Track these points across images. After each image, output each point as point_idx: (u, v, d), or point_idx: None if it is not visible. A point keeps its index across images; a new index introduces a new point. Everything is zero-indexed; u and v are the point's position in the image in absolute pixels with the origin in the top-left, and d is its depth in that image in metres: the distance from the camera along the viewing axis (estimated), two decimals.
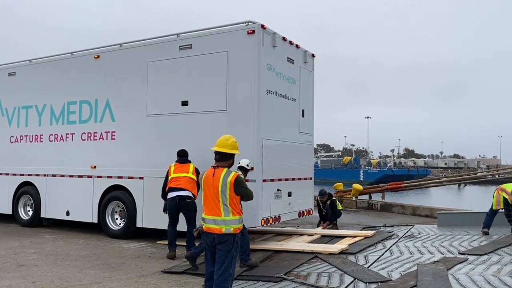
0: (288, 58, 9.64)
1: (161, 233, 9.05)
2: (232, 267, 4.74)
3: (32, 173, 11.53)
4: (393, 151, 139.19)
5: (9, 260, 7.83)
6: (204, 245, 4.99)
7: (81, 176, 10.59)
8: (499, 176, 24.31)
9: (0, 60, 14.73)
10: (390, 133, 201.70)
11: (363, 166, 78.03)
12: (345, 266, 7.02)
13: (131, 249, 8.85)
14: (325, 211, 11.39)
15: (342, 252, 8.06)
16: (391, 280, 6.20)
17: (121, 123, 10.16)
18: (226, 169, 4.85)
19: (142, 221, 9.61)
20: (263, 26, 8.67)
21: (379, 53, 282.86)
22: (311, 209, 10.41)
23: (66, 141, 10.99)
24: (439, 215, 11.93)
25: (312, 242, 9.10)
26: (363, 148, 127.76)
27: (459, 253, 8.04)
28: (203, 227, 4.81)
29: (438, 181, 22.59)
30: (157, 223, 9.16)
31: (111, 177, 10.13)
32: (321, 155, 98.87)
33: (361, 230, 10.80)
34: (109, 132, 10.31)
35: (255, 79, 8.55)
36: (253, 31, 8.59)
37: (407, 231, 10.53)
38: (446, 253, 8.06)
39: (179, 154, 8.49)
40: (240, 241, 4.88)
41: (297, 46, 9.97)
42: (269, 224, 8.74)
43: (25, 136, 11.84)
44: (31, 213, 11.64)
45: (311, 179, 10.54)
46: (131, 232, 9.85)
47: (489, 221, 10.15)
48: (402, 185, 18.82)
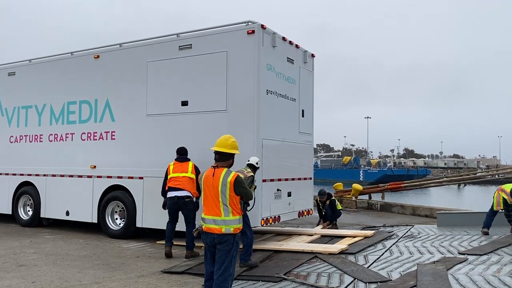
0: (288, 58, 9.65)
1: (161, 233, 9.05)
2: (232, 267, 4.74)
3: (32, 173, 11.53)
4: (392, 151, 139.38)
5: (9, 260, 7.83)
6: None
7: (81, 176, 10.59)
8: (498, 176, 24.33)
9: (0, 60, 14.74)
10: (390, 133, 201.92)
11: (362, 166, 78.06)
12: (345, 266, 7.02)
13: (131, 249, 8.85)
14: (324, 211, 11.40)
15: (342, 252, 8.06)
16: (391, 280, 6.20)
17: (121, 123, 10.16)
18: (226, 169, 4.85)
19: (142, 221, 9.61)
20: (263, 26, 8.67)
21: (379, 53, 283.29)
22: (311, 209, 10.42)
23: (66, 141, 10.99)
24: (438, 215, 11.94)
25: (312, 242, 9.11)
26: (363, 148, 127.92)
27: (458, 253, 8.04)
28: (203, 227, 4.81)
29: (437, 181, 22.60)
30: (157, 223, 9.17)
31: (111, 177, 10.13)
32: (321, 155, 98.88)
33: (361, 230, 10.80)
34: (109, 132, 10.31)
35: (255, 79, 8.56)
36: (253, 31, 8.59)
37: (407, 231, 10.53)
38: (445, 253, 8.07)
39: (179, 152, 8.49)
40: (239, 241, 4.88)
41: (297, 46, 9.97)
42: (269, 224, 8.75)
43: (24, 136, 11.84)
44: (31, 213, 11.63)
45: (311, 179, 10.56)
46: (131, 232, 9.85)
47: (489, 221, 10.15)
48: (401, 185, 18.82)
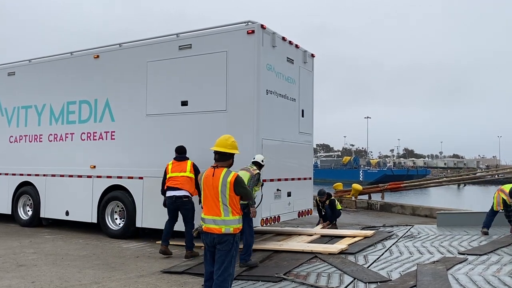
0: (287, 58, 9.65)
1: (161, 233, 9.03)
2: (231, 267, 4.74)
3: (31, 173, 11.52)
4: (392, 151, 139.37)
5: (9, 260, 7.82)
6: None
7: (80, 176, 10.58)
8: (498, 176, 24.37)
9: (0, 60, 14.74)
10: (389, 133, 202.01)
11: (362, 166, 78.07)
12: (344, 266, 7.02)
13: (131, 249, 8.85)
14: (324, 211, 11.40)
15: (341, 252, 8.06)
16: (391, 280, 6.20)
17: (121, 123, 10.15)
18: (225, 169, 4.85)
19: (141, 221, 9.61)
20: (262, 26, 8.67)
21: (379, 53, 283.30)
22: (311, 209, 10.42)
23: (65, 141, 10.99)
24: (438, 215, 11.94)
25: (311, 242, 9.10)
26: (363, 148, 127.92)
27: (458, 253, 8.04)
28: (203, 227, 4.81)
29: (437, 181, 22.61)
30: (157, 223, 9.16)
31: (110, 177, 10.13)
32: (321, 155, 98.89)
33: (360, 230, 10.80)
34: (108, 132, 10.31)
35: (255, 79, 8.56)
36: (253, 31, 8.59)
37: (407, 231, 10.53)
38: (445, 253, 8.07)
39: (177, 150, 8.48)
40: (239, 241, 4.88)
41: (296, 46, 9.97)
42: (268, 224, 8.75)
43: (24, 136, 11.83)
44: (30, 213, 11.63)
45: (310, 179, 10.56)
46: (131, 232, 9.85)
47: (489, 221, 10.16)
48: (401, 185, 18.82)
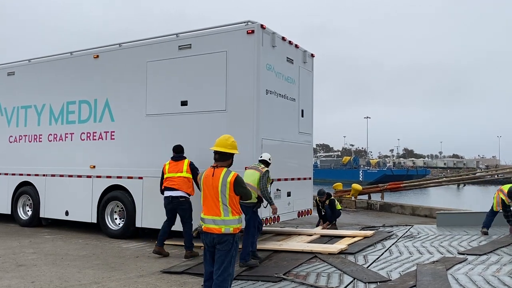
0: (287, 58, 9.65)
1: None
2: (231, 267, 4.74)
3: (31, 173, 11.52)
4: (392, 151, 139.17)
5: (8, 260, 7.82)
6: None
7: (80, 176, 10.58)
8: (498, 176, 24.37)
9: (0, 60, 14.73)
10: (389, 133, 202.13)
11: (362, 166, 78.07)
12: (344, 266, 7.02)
13: (130, 249, 8.85)
14: (324, 211, 11.39)
15: (341, 252, 8.06)
16: (391, 280, 6.20)
17: (121, 123, 10.15)
18: (225, 169, 4.85)
19: (141, 221, 9.60)
20: (262, 26, 8.67)
21: (379, 53, 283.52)
22: (310, 209, 10.42)
23: (65, 141, 10.98)
24: (438, 215, 11.94)
25: (311, 242, 9.11)
26: (363, 148, 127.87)
27: (458, 253, 8.05)
28: (202, 227, 4.80)
29: (437, 181, 22.60)
30: (157, 223, 9.13)
31: (110, 177, 10.12)
32: (321, 155, 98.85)
33: (360, 230, 10.80)
34: (108, 132, 10.30)
35: (255, 79, 8.56)
36: (253, 31, 8.59)
37: (406, 231, 10.53)
38: (445, 253, 8.07)
39: (174, 149, 8.48)
40: (239, 241, 4.87)
41: (296, 46, 9.97)
42: (268, 224, 8.74)
43: (24, 136, 11.83)
44: (30, 213, 11.62)
45: (310, 179, 10.56)
46: (130, 232, 9.84)
47: (489, 221, 10.16)
48: (401, 185, 18.82)
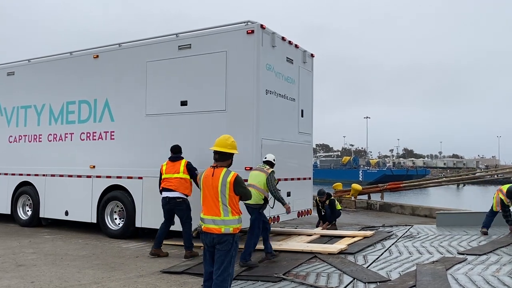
0: (287, 58, 9.65)
1: None
2: (231, 267, 4.74)
3: (31, 173, 11.52)
4: (392, 151, 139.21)
5: (8, 260, 7.82)
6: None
7: (80, 176, 10.57)
8: (497, 176, 24.38)
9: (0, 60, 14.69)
10: (389, 133, 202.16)
11: (362, 166, 78.11)
12: (344, 266, 7.02)
13: (130, 249, 8.85)
14: (324, 211, 11.39)
15: (341, 252, 8.06)
16: (390, 280, 6.20)
17: (120, 123, 10.15)
18: (225, 169, 4.85)
19: (141, 221, 9.60)
20: (262, 26, 8.67)
21: (379, 53, 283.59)
22: (310, 209, 10.42)
23: (65, 141, 10.98)
24: (438, 215, 11.94)
25: (311, 242, 9.11)
26: (362, 148, 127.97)
27: (458, 253, 8.05)
28: (202, 227, 4.80)
29: (437, 181, 22.61)
30: (156, 223, 9.11)
31: (110, 177, 10.12)
32: (320, 155, 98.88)
33: (360, 230, 10.81)
34: (108, 132, 10.30)
35: (254, 79, 8.56)
36: (252, 31, 8.59)
37: (406, 231, 10.54)
38: (445, 253, 8.07)
39: (172, 150, 8.49)
40: (238, 241, 4.87)
41: (296, 46, 9.97)
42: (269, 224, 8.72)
43: (24, 136, 11.82)
44: (30, 213, 11.62)
45: (310, 179, 10.56)
46: (130, 232, 9.84)
47: (489, 221, 10.17)
48: (401, 185, 18.82)
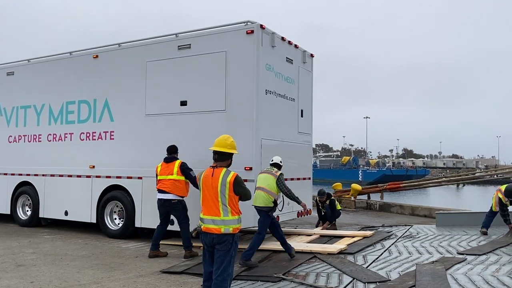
0: (287, 58, 9.65)
1: None
2: (231, 267, 4.73)
3: (30, 173, 11.51)
4: (391, 151, 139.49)
5: (8, 260, 7.82)
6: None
7: (79, 176, 10.57)
8: (497, 176, 24.39)
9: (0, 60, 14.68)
10: (389, 133, 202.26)
11: (361, 166, 78.10)
12: (343, 266, 7.02)
13: (130, 249, 8.85)
14: (324, 211, 11.39)
15: (340, 252, 8.06)
16: (390, 280, 6.20)
17: (120, 123, 10.14)
18: (225, 169, 4.85)
19: (140, 221, 9.60)
20: (262, 26, 8.67)
21: (379, 53, 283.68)
22: (310, 209, 10.40)
23: (64, 141, 10.98)
24: (437, 215, 11.94)
25: (310, 242, 9.11)
26: (362, 148, 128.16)
27: (457, 253, 8.05)
28: (202, 227, 4.80)
29: (436, 181, 22.60)
30: (156, 223, 9.10)
31: (109, 177, 10.12)
32: (320, 155, 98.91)
33: (359, 230, 10.81)
34: (107, 132, 10.30)
35: (254, 79, 8.56)
36: (252, 31, 8.59)
37: (406, 231, 10.54)
38: (444, 253, 8.07)
39: (167, 150, 8.49)
40: (238, 241, 4.87)
41: (296, 46, 9.97)
42: None
43: (23, 136, 11.82)
44: (29, 213, 11.62)
45: (309, 179, 10.55)
46: (130, 232, 9.84)
47: (488, 221, 10.17)
48: (400, 185, 18.81)
